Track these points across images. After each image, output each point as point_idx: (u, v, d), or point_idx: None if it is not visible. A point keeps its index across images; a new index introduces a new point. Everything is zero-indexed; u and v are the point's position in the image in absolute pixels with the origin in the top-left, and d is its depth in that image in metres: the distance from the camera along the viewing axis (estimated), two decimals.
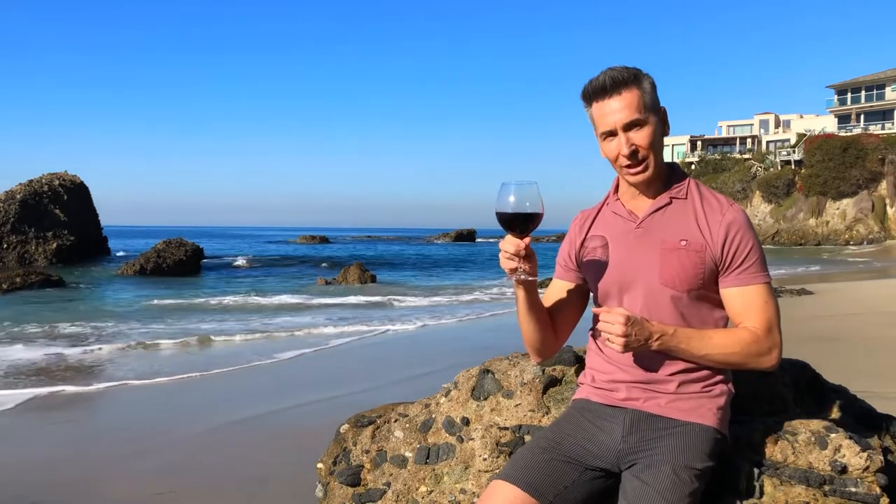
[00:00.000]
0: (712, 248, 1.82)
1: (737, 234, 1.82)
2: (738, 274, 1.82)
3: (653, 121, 1.83)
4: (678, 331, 1.78)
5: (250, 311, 15.66)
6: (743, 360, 1.80)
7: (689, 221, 1.85)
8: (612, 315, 1.73)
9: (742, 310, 1.83)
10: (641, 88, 1.82)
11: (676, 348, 1.78)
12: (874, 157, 47.84)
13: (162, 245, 31.30)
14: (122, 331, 12.17)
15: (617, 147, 1.83)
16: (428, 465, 2.33)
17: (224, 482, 4.39)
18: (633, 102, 1.80)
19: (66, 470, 4.68)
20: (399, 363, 8.48)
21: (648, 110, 1.82)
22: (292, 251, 50.56)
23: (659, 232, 1.86)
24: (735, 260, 1.82)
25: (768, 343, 1.81)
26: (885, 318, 9.96)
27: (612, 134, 1.83)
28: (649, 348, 1.77)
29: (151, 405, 6.64)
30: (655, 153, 1.84)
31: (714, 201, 1.87)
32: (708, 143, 64.28)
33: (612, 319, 1.73)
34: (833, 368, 3.13)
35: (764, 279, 1.84)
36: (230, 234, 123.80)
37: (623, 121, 1.80)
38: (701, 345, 1.78)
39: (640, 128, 1.81)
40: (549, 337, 2.00)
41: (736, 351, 1.79)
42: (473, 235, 72.78)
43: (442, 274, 29.52)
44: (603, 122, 1.84)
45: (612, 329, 1.72)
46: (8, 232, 32.16)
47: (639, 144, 1.82)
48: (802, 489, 1.83)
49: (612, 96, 1.81)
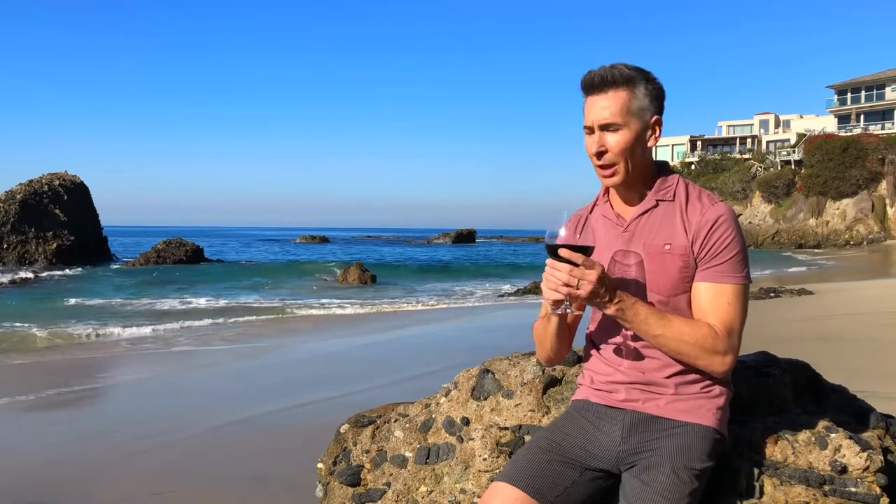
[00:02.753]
0: (693, 246, 1.80)
1: (715, 229, 1.79)
2: (710, 270, 1.79)
3: (634, 127, 1.79)
4: (638, 303, 1.75)
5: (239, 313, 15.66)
6: (695, 354, 1.76)
7: (674, 224, 1.83)
8: (593, 268, 1.68)
9: (706, 306, 1.79)
10: (633, 92, 1.79)
11: (633, 319, 1.74)
12: (874, 157, 47.83)
13: (162, 245, 31.33)
14: (119, 330, 12.17)
15: (590, 144, 1.83)
16: (428, 465, 2.33)
17: (224, 482, 4.38)
18: (617, 104, 1.78)
19: (66, 470, 4.67)
20: (399, 363, 8.47)
21: (632, 115, 1.78)
22: (293, 251, 50.56)
23: (644, 236, 1.84)
24: (709, 255, 1.79)
25: (724, 345, 1.76)
26: (885, 318, 9.95)
27: (590, 130, 1.83)
28: (604, 308, 1.74)
29: (151, 405, 6.63)
30: (628, 160, 1.81)
31: (698, 201, 1.84)
32: (708, 143, 64.29)
33: (591, 269, 1.68)
34: (833, 368, 3.14)
35: (736, 280, 1.79)
36: (229, 234, 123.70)
37: (599, 121, 1.80)
38: (658, 324, 1.74)
39: (615, 131, 1.79)
40: (566, 349, 2.02)
41: (689, 341, 1.75)
42: (473, 236, 72.75)
43: (442, 274, 29.51)
44: (586, 116, 1.84)
45: (587, 276, 1.68)
46: (8, 232, 32.16)
47: (609, 147, 1.80)
48: (802, 489, 1.83)
49: (599, 94, 1.80)
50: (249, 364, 9.01)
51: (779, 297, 13.98)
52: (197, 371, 8.69)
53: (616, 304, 1.73)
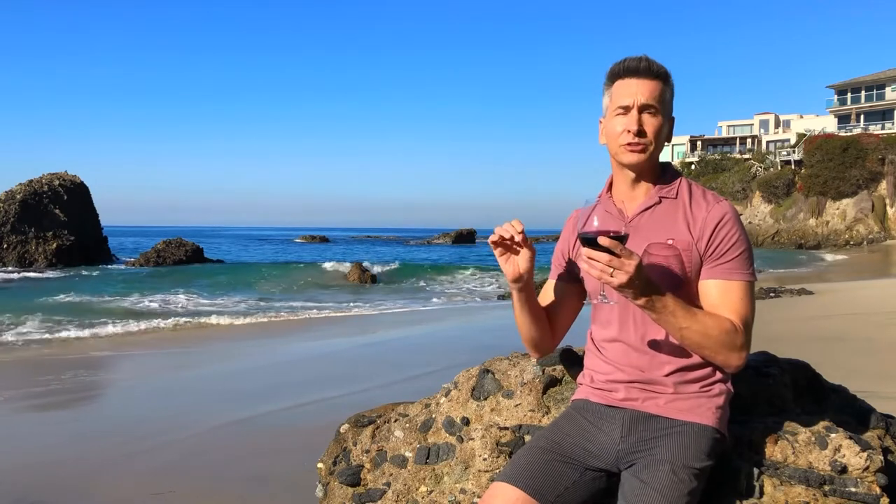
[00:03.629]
0: (698, 244, 1.81)
1: (722, 228, 1.81)
2: (719, 267, 1.80)
3: (665, 116, 1.86)
4: (668, 295, 1.71)
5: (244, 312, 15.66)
6: (716, 348, 1.75)
7: (677, 220, 1.85)
8: (631, 258, 1.64)
9: (718, 302, 1.79)
10: (667, 87, 1.86)
11: (661, 310, 1.70)
12: (874, 157, 47.84)
13: (162, 245, 31.35)
14: (118, 330, 12.17)
15: (625, 123, 1.84)
16: (428, 465, 2.33)
17: (224, 482, 4.38)
18: (656, 92, 1.84)
19: (66, 470, 4.67)
20: (399, 363, 8.47)
21: (665, 106, 1.86)
22: (293, 251, 50.52)
23: (647, 231, 1.86)
24: (717, 253, 1.81)
25: (742, 340, 1.77)
26: (885, 318, 9.95)
27: (626, 109, 1.84)
28: (636, 299, 1.69)
29: (151, 405, 6.63)
30: (657, 144, 1.86)
31: (702, 199, 1.87)
32: (708, 143, 64.29)
33: (630, 259, 1.63)
34: (833, 368, 3.14)
35: (745, 277, 1.81)
36: (229, 234, 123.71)
37: (643, 101, 1.83)
38: (685, 317, 1.72)
39: (653, 115, 1.84)
40: (546, 334, 2.01)
41: (714, 335, 1.74)
42: (473, 236, 72.65)
43: (442, 274, 29.51)
44: (623, 95, 1.85)
45: (626, 266, 1.63)
46: (8, 232, 32.16)
47: (647, 128, 1.84)
48: (802, 489, 1.83)
49: (643, 78, 1.84)
50: (249, 364, 9.01)
51: (779, 297, 13.98)
52: (196, 371, 8.69)
53: (648, 295, 1.69)
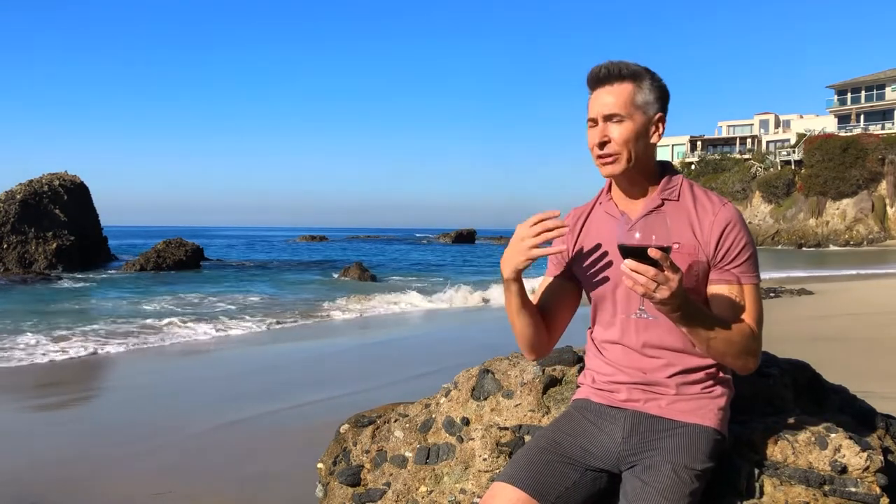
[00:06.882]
0: (705, 248, 1.80)
1: (730, 232, 1.79)
2: (729, 271, 1.79)
3: (637, 120, 1.80)
4: (699, 307, 1.69)
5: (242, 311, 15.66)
6: (738, 353, 1.74)
7: (681, 223, 1.82)
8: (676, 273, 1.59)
9: (730, 307, 1.78)
10: (638, 86, 1.80)
11: (691, 321, 1.67)
12: (874, 157, 47.89)
13: (162, 245, 31.33)
14: (116, 330, 12.17)
15: (593, 136, 1.84)
16: (428, 465, 2.33)
17: (224, 482, 4.38)
18: (622, 96, 1.79)
19: (66, 470, 4.67)
20: (399, 363, 8.48)
21: (636, 108, 1.80)
22: (293, 250, 50.54)
23: None
24: (726, 257, 1.79)
25: (758, 343, 1.78)
26: (885, 318, 9.96)
27: (594, 122, 1.84)
28: (671, 313, 1.64)
29: (151, 405, 6.63)
30: (630, 151, 1.80)
31: (707, 201, 1.85)
32: (708, 143, 64.32)
33: (675, 274, 1.59)
34: (833, 368, 3.14)
35: (754, 280, 1.81)
36: (229, 234, 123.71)
37: (603, 112, 1.81)
38: (713, 326, 1.70)
39: (619, 122, 1.80)
40: (542, 335, 1.97)
41: (737, 341, 1.73)
42: (473, 236, 72.65)
43: (442, 274, 29.50)
44: (590, 107, 1.85)
45: (671, 281, 1.59)
46: (8, 232, 32.11)
47: (612, 137, 1.80)
48: (802, 489, 1.83)
49: (605, 86, 1.82)
50: (249, 364, 9.01)
51: (779, 297, 13.99)
52: (197, 371, 8.70)
53: (684, 308, 1.65)
